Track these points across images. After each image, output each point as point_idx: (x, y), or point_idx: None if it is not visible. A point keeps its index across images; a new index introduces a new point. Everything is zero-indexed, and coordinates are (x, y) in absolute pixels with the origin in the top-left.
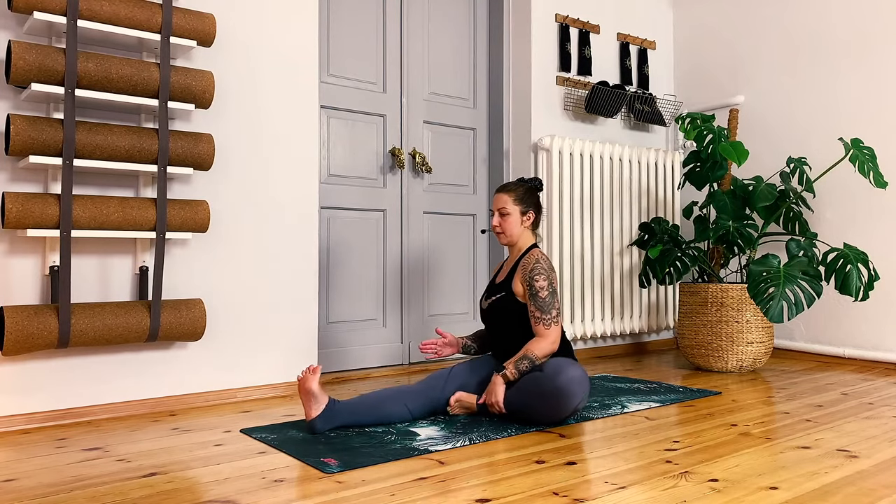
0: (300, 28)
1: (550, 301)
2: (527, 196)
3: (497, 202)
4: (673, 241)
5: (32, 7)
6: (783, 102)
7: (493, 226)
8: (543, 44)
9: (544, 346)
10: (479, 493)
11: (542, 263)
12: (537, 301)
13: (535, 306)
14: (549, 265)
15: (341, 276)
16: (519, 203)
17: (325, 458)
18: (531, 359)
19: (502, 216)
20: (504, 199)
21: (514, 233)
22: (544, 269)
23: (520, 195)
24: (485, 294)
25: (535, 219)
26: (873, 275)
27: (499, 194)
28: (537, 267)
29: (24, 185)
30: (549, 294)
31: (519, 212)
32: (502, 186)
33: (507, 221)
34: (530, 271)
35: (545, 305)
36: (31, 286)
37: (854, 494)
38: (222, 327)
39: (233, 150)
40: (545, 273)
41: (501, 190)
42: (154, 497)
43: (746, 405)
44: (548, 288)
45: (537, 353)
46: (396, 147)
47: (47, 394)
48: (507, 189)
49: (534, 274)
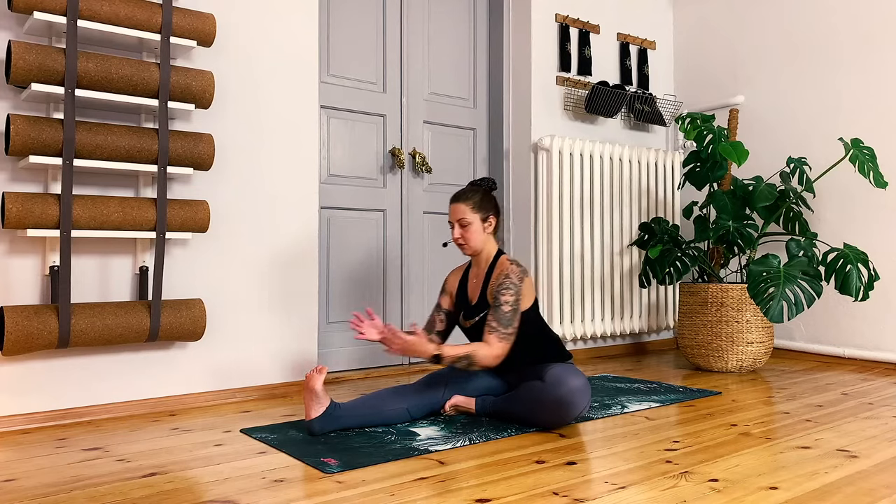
0: (300, 28)
1: (511, 317)
2: (484, 201)
3: (454, 213)
4: (673, 241)
5: (32, 7)
6: (783, 102)
7: (455, 238)
8: (543, 44)
9: (488, 357)
10: (479, 493)
11: (512, 277)
12: (498, 312)
13: (495, 316)
14: (520, 276)
15: (341, 276)
16: (478, 210)
17: (325, 458)
18: (471, 362)
19: (463, 227)
20: (462, 208)
21: (478, 243)
22: (514, 284)
23: (477, 202)
24: (462, 314)
25: (496, 223)
26: (873, 275)
27: (455, 204)
28: (506, 282)
29: (24, 185)
30: (512, 311)
31: (479, 219)
32: (457, 195)
33: (468, 232)
34: (499, 286)
35: (505, 319)
36: (31, 286)
37: (854, 494)
38: (222, 327)
39: (233, 150)
40: (514, 289)
41: (457, 199)
42: (154, 497)
43: (746, 405)
44: (513, 304)
45: (478, 360)
46: (396, 147)
47: (47, 394)
48: (464, 197)
49: (501, 288)
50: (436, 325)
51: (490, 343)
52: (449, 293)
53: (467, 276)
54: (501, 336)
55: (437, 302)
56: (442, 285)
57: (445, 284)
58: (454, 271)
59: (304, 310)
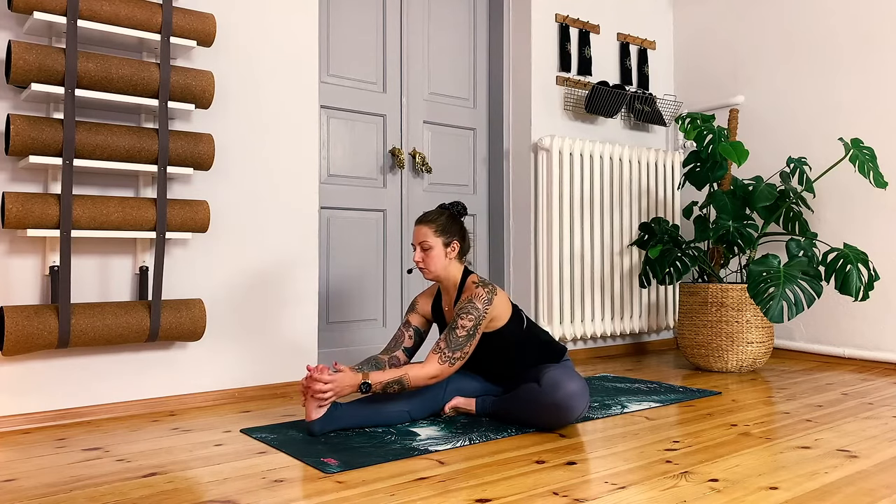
0: (300, 28)
1: (464, 342)
2: (449, 225)
3: (417, 235)
4: (673, 241)
5: (32, 7)
6: (783, 102)
7: (416, 262)
8: (543, 44)
9: (421, 377)
10: (479, 493)
11: (475, 303)
12: (451, 335)
13: (446, 337)
14: (486, 301)
15: (341, 276)
16: (441, 234)
17: (325, 458)
18: (403, 385)
19: (424, 251)
20: (424, 231)
21: (439, 268)
22: (476, 310)
23: (441, 225)
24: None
25: (460, 248)
26: (873, 275)
27: (418, 227)
28: (468, 307)
29: (24, 185)
30: (466, 336)
31: (442, 244)
32: (422, 217)
33: (429, 256)
34: (460, 308)
35: (455, 343)
36: (31, 286)
37: (854, 494)
38: (222, 327)
39: (233, 150)
40: (475, 314)
41: (421, 221)
42: (154, 497)
43: (746, 405)
44: (470, 330)
45: (410, 382)
46: (396, 147)
47: (47, 394)
48: (427, 220)
49: (462, 312)
50: (404, 341)
51: (428, 362)
52: (420, 314)
53: (440, 303)
54: (445, 358)
55: (405, 319)
56: (411, 305)
57: (416, 305)
58: (424, 294)
59: (303, 310)
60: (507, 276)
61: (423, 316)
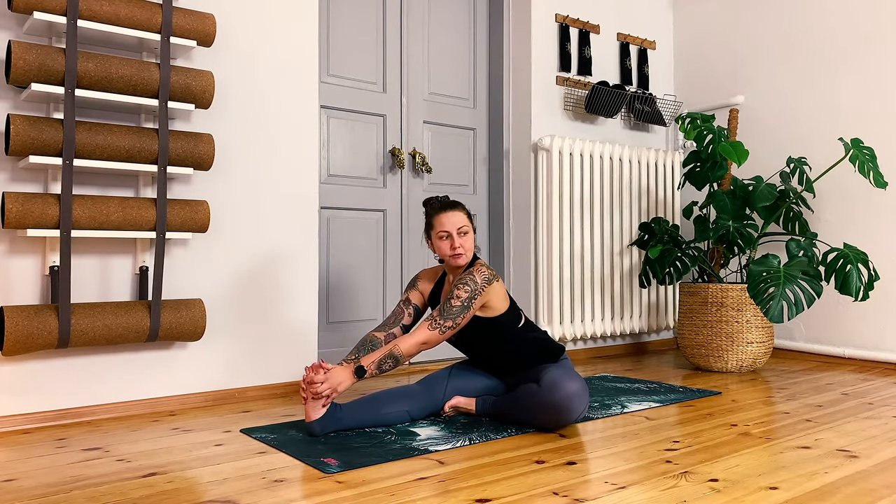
0: (300, 28)
1: (456, 313)
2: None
3: (454, 221)
4: (673, 241)
5: (32, 7)
6: (783, 102)
7: (454, 248)
8: (543, 44)
9: (411, 345)
10: (479, 493)
11: (475, 276)
12: (446, 304)
13: (441, 308)
14: (487, 278)
15: (341, 275)
16: (471, 220)
17: (325, 458)
18: (396, 358)
19: (464, 235)
20: (460, 216)
21: (472, 251)
22: (474, 282)
23: (467, 211)
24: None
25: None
26: (873, 275)
27: (451, 212)
28: (466, 277)
29: (24, 185)
30: (460, 308)
31: (473, 228)
32: (451, 204)
33: (467, 241)
34: (458, 279)
35: (448, 313)
36: (31, 286)
37: (854, 494)
38: (222, 327)
39: (233, 150)
40: (472, 286)
41: (454, 208)
42: (154, 497)
43: (746, 405)
44: (464, 301)
45: (402, 353)
46: (396, 147)
47: (47, 394)
48: (457, 204)
49: (459, 283)
50: (403, 318)
51: (418, 329)
52: (420, 292)
53: (439, 290)
54: (436, 325)
55: (404, 297)
56: (411, 282)
57: (417, 282)
58: (426, 276)
59: (303, 309)
60: (508, 276)
61: (423, 294)
